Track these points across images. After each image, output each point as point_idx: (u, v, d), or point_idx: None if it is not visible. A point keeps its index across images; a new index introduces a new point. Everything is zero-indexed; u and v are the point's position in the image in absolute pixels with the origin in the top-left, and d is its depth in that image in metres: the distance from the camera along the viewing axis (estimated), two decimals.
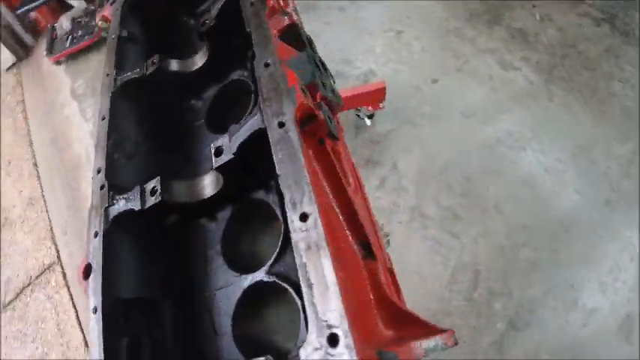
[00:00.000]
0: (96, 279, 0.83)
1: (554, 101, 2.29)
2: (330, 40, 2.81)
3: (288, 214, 0.61)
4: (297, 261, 0.58)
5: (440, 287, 2.08)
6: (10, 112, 3.46)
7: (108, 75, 1.06)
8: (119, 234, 0.88)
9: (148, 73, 1.02)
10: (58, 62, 3.55)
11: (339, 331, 0.52)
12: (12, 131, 3.31)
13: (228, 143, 0.78)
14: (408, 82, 2.56)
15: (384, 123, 2.50)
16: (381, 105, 2.40)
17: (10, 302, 2.51)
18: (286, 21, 0.92)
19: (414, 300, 2.10)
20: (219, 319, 0.90)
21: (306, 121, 0.72)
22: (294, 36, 0.92)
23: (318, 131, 0.75)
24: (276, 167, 0.65)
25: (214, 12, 0.99)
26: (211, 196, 0.87)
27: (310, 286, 0.56)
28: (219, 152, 0.79)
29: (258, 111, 0.73)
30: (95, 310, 0.81)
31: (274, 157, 0.66)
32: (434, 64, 2.58)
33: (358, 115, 2.51)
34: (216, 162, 0.79)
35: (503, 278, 2.05)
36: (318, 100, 0.81)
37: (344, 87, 2.56)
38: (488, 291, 2.03)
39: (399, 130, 2.46)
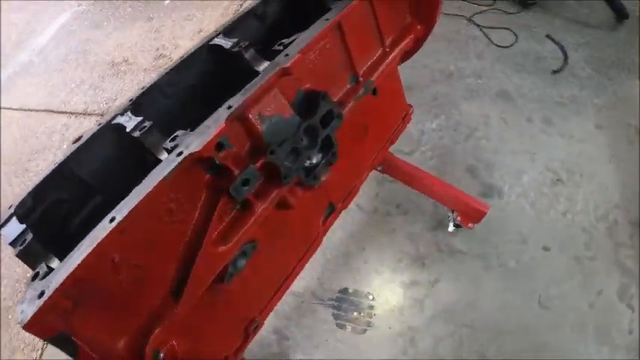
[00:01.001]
0: (73, 147, 1.07)
1: None
2: (496, 137, 2.61)
3: (112, 211, 0.72)
4: (84, 241, 0.70)
5: None
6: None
7: (215, 31, 1.27)
8: (110, 136, 1.10)
9: (232, 50, 1.18)
10: None
11: (47, 292, 0.65)
12: (221, 13, 3.91)
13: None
14: (520, 228, 2.26)
15: (463, 241, 2.29)
16: (470, 225, 2.20)
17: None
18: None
19: None
20: None
21: (214, 168, 0.80)
22: (312, 101, 0.95)
23: (222, 183, 0.81)
24: (146, 177, 0.75)
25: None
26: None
27: (69, 258, 0.69)
28: (172, 139, 0.92)
29: None
30: (55, 165, 1.05)
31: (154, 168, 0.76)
32: (562, 233, 2.20)
33: (449, 216, 2.35)
34: (166, 144, 0.92)
35: None
36: (259, 163, 0.86)
37: (460, 187, 2.38)
38: None
39: (467, 258, 2.23)
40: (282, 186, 0.93)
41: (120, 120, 1.06)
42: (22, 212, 0.97)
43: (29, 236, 0.90)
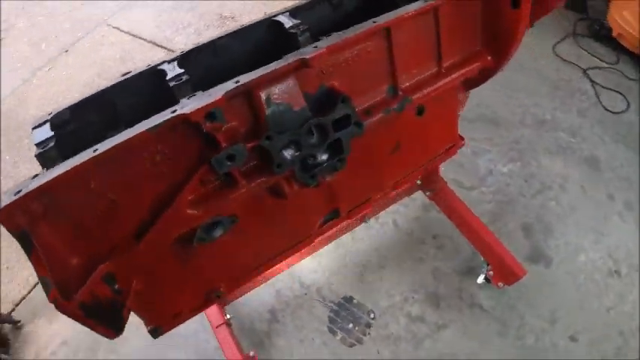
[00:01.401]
0: (120, 79, 1.16)
1: None
2: (568, 203, 2.35)
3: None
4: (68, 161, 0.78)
5: None
6: None
7: (284, 8, 1.27)
8: (151, 79, 1.16)
9: (289, 30, 1.19)
10: None
11: (22, 192, 0.75)
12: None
13: None
14: (555, 307, 2.05)
15: (488, 297, 2.13)
16: (500, 284, 2.03)
17: None
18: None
19: None
20: None
21: (202, 135, 0.82)
22: (330, 101, 0.93)
23: (207, 152, 0.84)
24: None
25: None
26: None
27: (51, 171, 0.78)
28: (190, 97, 0.95)
29: None
30: (99, 89, 1.15)
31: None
32: (597, 329, 1.97)
33: (483, 266, 2.18)
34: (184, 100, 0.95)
35: None
36: (250, 144, 0.87)
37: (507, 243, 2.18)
38: None
39: (485, 316, 2.08)
40: (274, 174, 0.93)
41: (165, 67, 1.12)
42: (56, 122, 1.07)
43: (52, 143, 0.99)
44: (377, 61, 1.01)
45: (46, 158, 0.98)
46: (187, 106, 0.80)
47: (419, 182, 2.28)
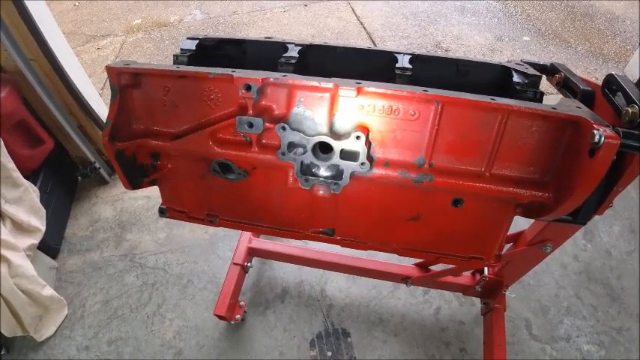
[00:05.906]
0: (261, 38, 1.47)
1: None
2: None
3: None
4: (160, 64, 1.10)
5: None
6: None
7: (411, 51, 1.38)
8: (277, 49, 1.40)
9: (396, 66, 1.30)
10: None
11: (129, 66, 1.09)
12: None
13: None
14: None
15: None
16: None
17: None
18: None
19: None
20: None
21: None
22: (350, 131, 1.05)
23: (239, 110, 1.07)
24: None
25: None
26: None
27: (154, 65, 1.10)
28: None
29: None
30: (244, 37, 1.49)
31: None
32: None
33: None
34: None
35: None
36: (270, 125, 1.06)
37: None
38: None
39: None
40: (277, 157, 1.11)
41: (289, 46, 1.38)
42: (203, 42, 1.42)
43: (188, 53, 1.36)
44: (420, 129, 1.05)
45: (177, 61, 1.36)
46: (241, 74, 1.04)
47: (478, 289, 2.12)
